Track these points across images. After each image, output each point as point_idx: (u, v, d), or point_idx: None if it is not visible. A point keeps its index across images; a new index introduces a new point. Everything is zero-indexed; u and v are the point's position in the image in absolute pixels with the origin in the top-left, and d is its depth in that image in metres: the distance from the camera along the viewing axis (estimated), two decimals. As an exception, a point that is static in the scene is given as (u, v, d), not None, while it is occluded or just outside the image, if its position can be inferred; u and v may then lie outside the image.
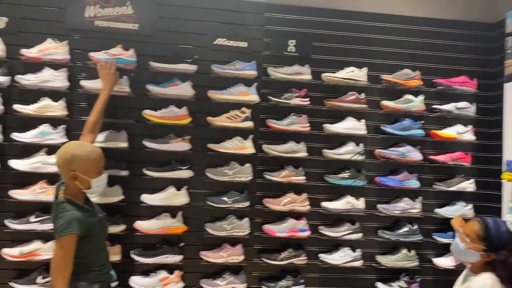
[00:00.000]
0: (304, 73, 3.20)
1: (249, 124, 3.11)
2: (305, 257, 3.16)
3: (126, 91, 3.02)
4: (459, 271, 2.30)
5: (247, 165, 3.11)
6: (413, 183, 3.27)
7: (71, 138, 2.94)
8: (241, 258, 3.08)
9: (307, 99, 3.21)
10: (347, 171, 3.23)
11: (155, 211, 3.04)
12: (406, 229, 3.25)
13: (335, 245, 3.26)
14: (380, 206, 3.26)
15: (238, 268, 3.11)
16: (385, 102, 3.28)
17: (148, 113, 3.03)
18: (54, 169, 2.53)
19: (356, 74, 3.24)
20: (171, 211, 3.04)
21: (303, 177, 3.16)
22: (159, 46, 3.15)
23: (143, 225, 2.96)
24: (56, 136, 2.92)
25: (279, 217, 3.19)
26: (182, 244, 3.07)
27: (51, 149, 2.82)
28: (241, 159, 3.12)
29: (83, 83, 2.96)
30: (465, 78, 3.36)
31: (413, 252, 3.25)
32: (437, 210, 3.31)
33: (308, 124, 3.19)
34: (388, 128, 3.29)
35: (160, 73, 3.09)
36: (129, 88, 3.03)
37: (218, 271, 3.10)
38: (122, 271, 2.98)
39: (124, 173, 3.02)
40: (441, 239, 3.28)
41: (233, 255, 3.05)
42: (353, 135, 3.24)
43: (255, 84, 3.15)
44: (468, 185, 3.32)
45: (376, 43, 3.38)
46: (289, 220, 3.12)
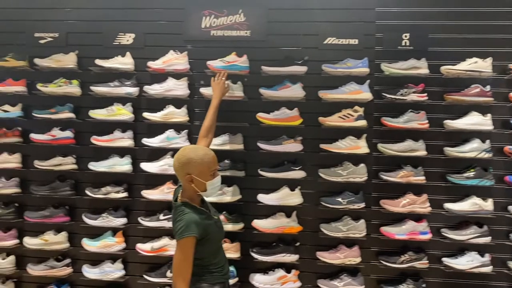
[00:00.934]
0: (420, 67, 3.03)
1: (362, 123, 3.04)
2: (427, 261, 2.99)
3: (240, 95, 3.14)
4: None
5: (362, 165, 3.04)
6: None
7: (192, 142, 3.17)
8: (358, 259, 3.02)
9: (425, 94, 3.03)
10: (472, 170, 2.99)
11: (270, 210, 3.12)
12: (544, 233, 2.91)
13: (459, 249, 3.04)
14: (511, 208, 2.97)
15: (355, 270, 3.06)
16: (514, 94, 2.98)
17: (261, 115, 3.12)
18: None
19: (479, 65, 2.98)
20: (286, 210, 3.10)
21: (423, 177, 3.00)
22: (270, 50, 3.23)
23: (260, 224, 3.05)
24: (180, 140, 3.15)
25: (397, 218, 3.07)
26: (297, 244, 3.10)
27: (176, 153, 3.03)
28: (355, 159, 3.06)
29: (202, 90, 3.14)
30: None
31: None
32: None
33: (426, 121, 3.01)
34: (519, 122, 2.98)
35: (272, 77, 3.16)
36: (243, 92, 3.15)
37: (334, 272, 3.08)
38: (242, 268, 3.12)
39: (241, 173, 3.14)
40: None
41: (350, 257, 3.00)
42: (478, 131, 2.99)
43: (368, 81, 3.06)
44: None
45: (502, 30, 3.08)
46: (408, 222, 2.98)
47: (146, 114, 3.18)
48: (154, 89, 3.19)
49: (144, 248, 3.13)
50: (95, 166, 3.19)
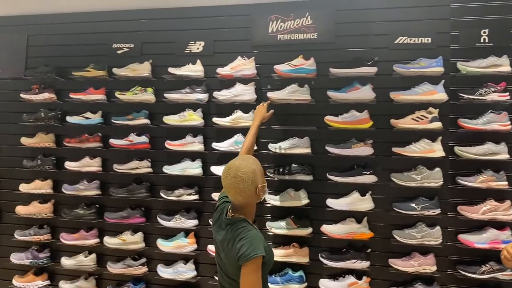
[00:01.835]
0: (501, 65, 2.84)
1: (437, 125, 2.90)
2: (511, 272, 2.78)
3: (307, 99, 3.13)
4: None
5: (437, 169, 2.90)
6: None
7: (259, 145, 3.20)
8: (434, 268, 2.87)
9: (507, 93, 2.84)
10: None
11: (339, 216, 3.07)
12: None
13: (549, 261, 2.80)
14: None
15: (430, 279, 2.92)
16: None
17: (329, 118, 3.08)
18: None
19: None
20: (356, 216, 3.03)
21: (505, 182, 2.80)
22: (339, 52, 3.19)
23: (330, 229, 3.01)
24: (248, 144, 3.19)
25: (476, 226, 2.89)
26: (369, 250, 3.02)
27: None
28: (430, 163, 2.93)
29: (269, 94, 3.16)
30: None
31: None
32: None
33: (509, 122, 2.81)
34: None
35: (340, 79, 3.11)
36: (310, 96, 3.13)
37: (407, 280, 2.96)
38: (310, 273, 3.09)
39: (309, 178, 3.12)
40: None
41: (424, 265, 2.87)
42: None
43: (443, 81, 2.92)
44: None
45: None
46: (489, 230, 2.80)
47: (215, 119, 3.27)
48: (223, 95, 3.26)
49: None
50: (169, 170, 3.32)
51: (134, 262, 3.38)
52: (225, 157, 3.24)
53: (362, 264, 2.96)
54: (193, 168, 3.30)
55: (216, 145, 3.26)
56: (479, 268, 2.79)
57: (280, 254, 3.04)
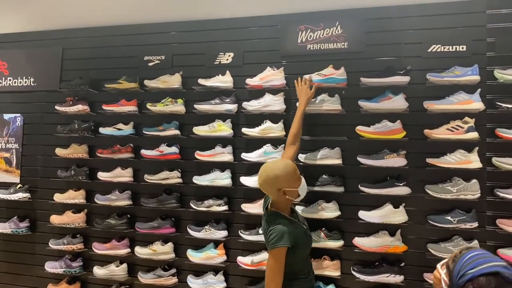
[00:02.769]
0: (542, 72, 2.74)
1: (474, 135, 2.80)
2: (555, 290, 2.64)
3: (338, 108, 3.09)
4: None
5: (474, 181, 2.80)
6: None
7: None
8: (472, 284, 2.76)
9: (548, 102, 2.72)
10: None
11: (372, 228, 3.00)
12: None
13: None
14: None
15: (468, 295, 2.80)
16: None
17: (361, 129, 3.03)
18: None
19: None
20: (389, 229, 2.95)
21: (548, 195, 2.68)
22: (370, 61, 3.14)
23: (362, 242, 2.94)
24: (277, 155, 3.16)
25: (518, 240, 2.77)
26: (402, 264, 2.93)
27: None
28: (466, 175, 2.83)
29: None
30: None
31: None
32: None
33: (551, 132, 2.70)
34: None
35: (371, 88, 3.06)
36: (341, 105, 3.09)
37: (444, 296, 2.85)
38: (342, 286, 3.03)
39: (340, 189, 3.07)
40: None
41: (462, 281, 2.76)
42: None
43: (479, 90, 2.83)
44: None
45: None
46: (532, 245, 2.68)
47: (244, 130, 3.27)
48: (252, 105, 3.26)
49: (244, 261, 3.19)
50: (199, 180, 3.34)
51: (164, 272, 3.39)
52: (255, 168, 3.22)
53: (396, 279, 2.87)
54: (222, 179, 3.30)
55: (245, 156, 3.26)
56: (520, 285, 2.67)
57: (310, 266, 2.99)
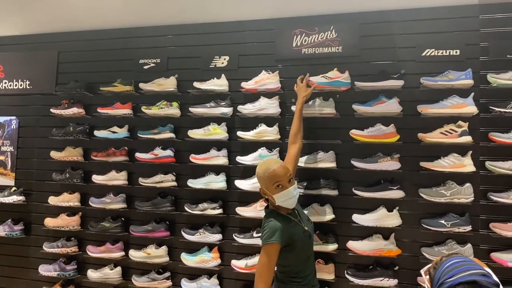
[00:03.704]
0: (534, 77, 2.75)
1: (467, 139, 2.81)
2: (548, 294, 2.65)
3: (332, 112, 3.10)
4: None
5: (467, 184, 2.81)
6: None
7: (284, 159, 3.16)
8: None
9: (541, 106, 2.74)
10: None
11: (365, 232, 3.00)
12: None
13: None
14: None
15: (462, 299, 2.80)
16: None
17: (354, 132, 3.04)
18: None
19: None
20: (383, 232, 2.96)
21: (541, 199, 2.69)
22: (364, 65, 3.15)
23: (356, 246, 2.94)
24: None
25: (510, 244, 2.77)
26: (396, 268, 2.93)
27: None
28: (459, 178, 2.84)
29: (294, 108, 3.13)
30: None
31: None
32: None
33: (543, 136, 2.71)
34: None
35: (365, 92, 3.07)
36: (335, 109, 3.09)
37: (437, 300, 2.86)
38: (336, 290, 3.03)
39: (334, 192, 3.07)
40: None
41: (455, 284, 2.76)
42: None
43: (472, 94, 2.84)
44: None
45: None
46: (524, 249, 2.69)
47: (239, 133, 3.27)
48: (247, 109, 3.27)
49: (238, 264, 3.18)
50: (193, 183, 3.33)
51: (158, 276, 3.38)
52: (249, 171, 3.23)
53: (390, 282, 2.87)
54: (217, 182, 3.30)
55: (240, 159, 3.26)
56: (513, 288, 2.67)
57: (305, 270, 2.98)
